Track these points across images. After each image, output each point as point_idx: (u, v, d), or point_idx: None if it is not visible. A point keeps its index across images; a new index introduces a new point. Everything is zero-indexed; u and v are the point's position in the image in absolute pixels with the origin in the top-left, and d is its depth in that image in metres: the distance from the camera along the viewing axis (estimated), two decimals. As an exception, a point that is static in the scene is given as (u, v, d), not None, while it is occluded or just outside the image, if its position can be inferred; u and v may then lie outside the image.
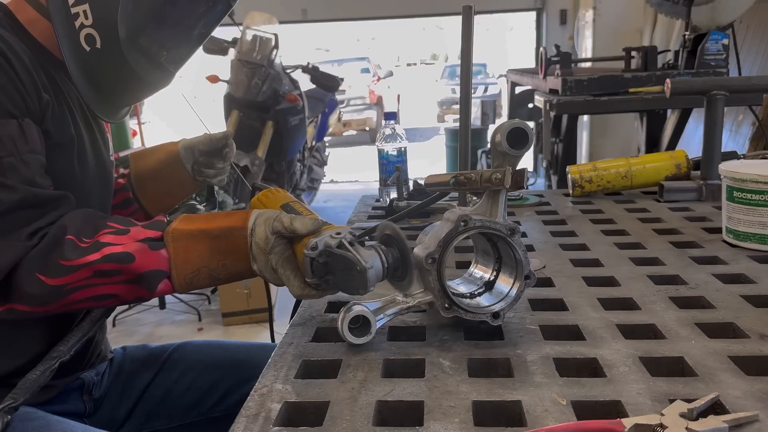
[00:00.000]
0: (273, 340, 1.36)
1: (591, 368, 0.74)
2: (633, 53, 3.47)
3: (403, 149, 1.56)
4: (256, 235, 0.87)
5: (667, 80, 1.51)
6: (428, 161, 8.29)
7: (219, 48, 4.55)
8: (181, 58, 1.14)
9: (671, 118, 3.49)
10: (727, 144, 4.06)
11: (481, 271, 0.90)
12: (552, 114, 3.24)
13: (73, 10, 0.98)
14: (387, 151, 1.56)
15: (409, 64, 37.95)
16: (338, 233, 0.83)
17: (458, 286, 0.89)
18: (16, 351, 1.00)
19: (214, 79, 4.72)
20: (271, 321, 1.35)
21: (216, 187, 3.83)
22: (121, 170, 1.31)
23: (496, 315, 0.82)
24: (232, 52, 4.62)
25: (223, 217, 0.91)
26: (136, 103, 1.21)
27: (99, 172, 1.11)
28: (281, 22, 5.15)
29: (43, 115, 0.96)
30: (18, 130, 0.90)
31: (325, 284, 0.85)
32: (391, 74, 14.85)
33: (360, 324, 0.80)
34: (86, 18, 0.98)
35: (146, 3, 1.02)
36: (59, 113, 0.99)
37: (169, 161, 1.27)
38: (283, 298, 3.87)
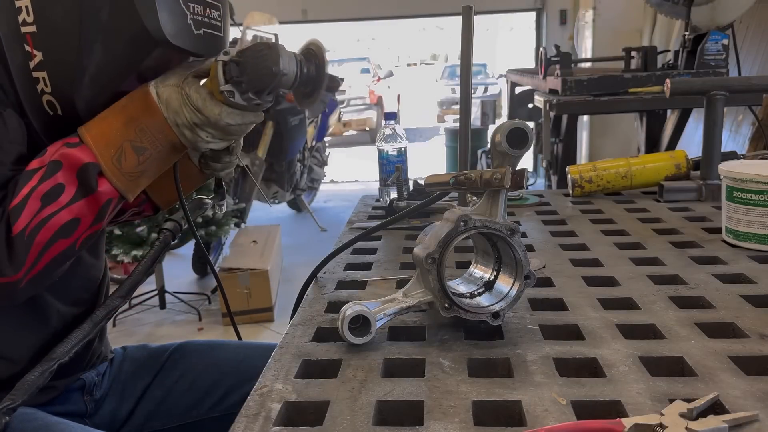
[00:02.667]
0: (238, 337, 1.34)
1: (591, 368, 0.74)
2: (633, 53, 3.47)
3: (403, 149, 1.56)
4: (163, 82, 0.91)
5: (667, 80, 1.51)
6: (428, 162, 8.29)
7: (219, 48, 4.54)
8: None
9: (671, 118, 3.49)
10: (726, 144, 4.06)
11: (481, 271, 0.90)
12: (552, 114, 3.24)
13: (34, 75, 0.93)
14: (387, 151, 1.56)
15: (409, 65, 37.93)
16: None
17: (458, 286, 0.89)
18: (14, 356, 1.00)
19: (214, 79, 4.71)
20: (231, 317, 1.34)
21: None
22: None
23: (496, 315, 0.82)
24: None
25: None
26: None
27: None
28: (281, 22, 5.15)
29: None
30: None
31: (239, 88, 0.88)
32: (391, 74, 14.87)
33: (360, 324, 0.80)
34: (46, 85, 0.94)
35: (101, 81, 0.94)
36: None
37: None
38: (283, 298, 3.87)
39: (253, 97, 0.90)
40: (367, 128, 12.54)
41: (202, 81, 0.93)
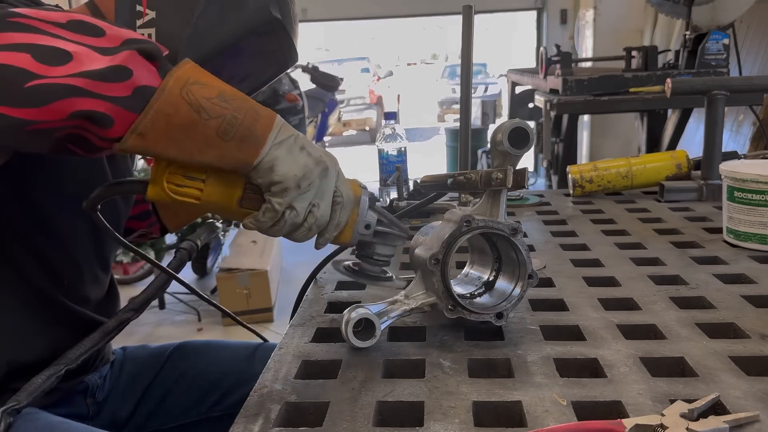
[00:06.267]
0: (262, 338, 1.34)
1: (591, 368, 0.74)
2: (633, 53, 3.48)
3: (403, 149, 1.56)
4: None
5: (668, 80, 1.51)
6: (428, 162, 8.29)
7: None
8: None
9: (672, 118, 3.49)
10: (727, 144, 4.06)
11: (478, 272, 0.89)
12: (552, 114, 3.24)
13: (139, 32, 0.94)
14: (387, 151, 1.56)
15: (409, 64, 37.93)
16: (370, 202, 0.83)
17: (455, 287, 0.88)
18: (21, 359, 1.00)
19: (214, 79, 4.71)
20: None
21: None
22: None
23: (499, 315, 0.81)
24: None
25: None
26: None
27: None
28: (281, 22, 5.14)
29: None
30: None
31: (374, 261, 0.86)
32: (391, 74, 14.87)
33: (363, 327, 0.80)
34: None
35: (205, 44, 0.94)
36: None
37: None
38: (283, 298, 3.87)
39: None
40: (367, 128, 12.54)
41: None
